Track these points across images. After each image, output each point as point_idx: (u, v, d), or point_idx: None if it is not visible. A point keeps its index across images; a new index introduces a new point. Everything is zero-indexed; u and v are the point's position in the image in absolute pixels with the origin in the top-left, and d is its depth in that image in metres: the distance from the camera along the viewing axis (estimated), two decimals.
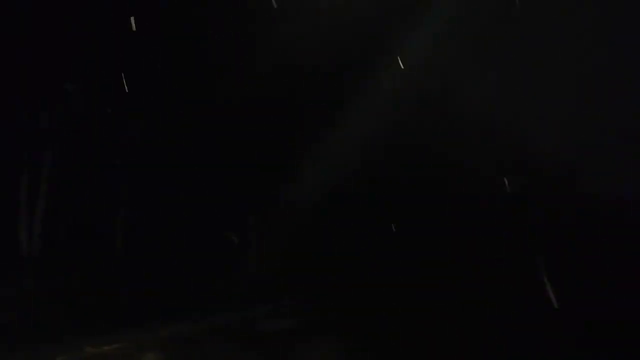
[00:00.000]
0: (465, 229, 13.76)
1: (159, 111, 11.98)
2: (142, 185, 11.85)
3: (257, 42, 11.95)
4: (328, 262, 12.80)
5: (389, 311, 10.30)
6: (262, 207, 13.24)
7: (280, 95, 12.31)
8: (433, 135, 13.76)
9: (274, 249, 13.18)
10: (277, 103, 12.43)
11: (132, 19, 10.97)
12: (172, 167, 12.18)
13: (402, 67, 13.09)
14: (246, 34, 11.98)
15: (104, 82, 11.22)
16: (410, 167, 13.97)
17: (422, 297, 11.17)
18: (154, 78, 11.62)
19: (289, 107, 12.65)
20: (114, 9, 10.82)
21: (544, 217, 14.10)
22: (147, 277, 10.66)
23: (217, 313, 10.14)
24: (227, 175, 12.61)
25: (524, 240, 13.30)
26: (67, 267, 10.36)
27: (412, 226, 13.69)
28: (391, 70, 13.21)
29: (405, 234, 13.67)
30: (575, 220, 13.67)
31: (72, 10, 10.55)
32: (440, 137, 13.83)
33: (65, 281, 9.90)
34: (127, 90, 11.26)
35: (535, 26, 12.69)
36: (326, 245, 13.19)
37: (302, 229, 13.22)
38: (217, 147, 12.33)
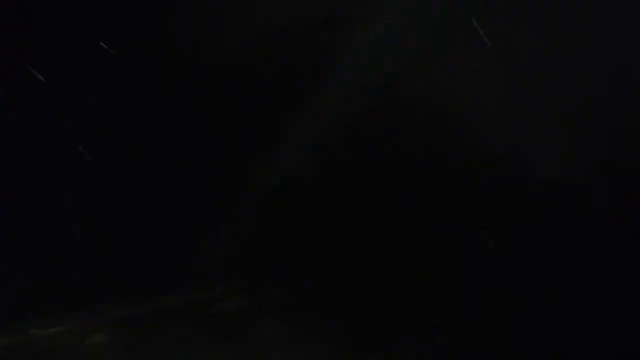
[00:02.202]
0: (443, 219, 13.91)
1: (122, 82, 11.74)
2: (100, 162, 11.66)
3: (226, 11, 11.76)
4: (295, 246, 12.79)
5: (354, 296, 10.33)
6: (225, 186, 13.13)
7: (255, 67, 12.15)
8: (402, 120, 13.82)
9: (235, 228, 13.13)
10: (251, 76, 12.26)
11: None
12: (132, 143, 12.00)
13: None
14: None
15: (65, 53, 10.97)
16: (385, 152, 14.00)
17: (396, 284, 11.24)
18: (120, 48, 11.38)
19: (261, 83, 12.50)
20: None
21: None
22: (99, 254, 10.54)
23: (170, 293, 10.06)
24: (190, 152, 12.47)
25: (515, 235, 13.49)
26: (15, 244, 10.18)
27: (387, 212, 13.76)
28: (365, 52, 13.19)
29: (379, 220, 13.72)
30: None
31: None
32: (408, 122, 13.90)
33: (11, 259, 9.73)
34: (89, 62, 11.03)
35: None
36: (294, 228, 13.16)
37: (269, 210, 13.16)
38: (182, 122, 12.15)
